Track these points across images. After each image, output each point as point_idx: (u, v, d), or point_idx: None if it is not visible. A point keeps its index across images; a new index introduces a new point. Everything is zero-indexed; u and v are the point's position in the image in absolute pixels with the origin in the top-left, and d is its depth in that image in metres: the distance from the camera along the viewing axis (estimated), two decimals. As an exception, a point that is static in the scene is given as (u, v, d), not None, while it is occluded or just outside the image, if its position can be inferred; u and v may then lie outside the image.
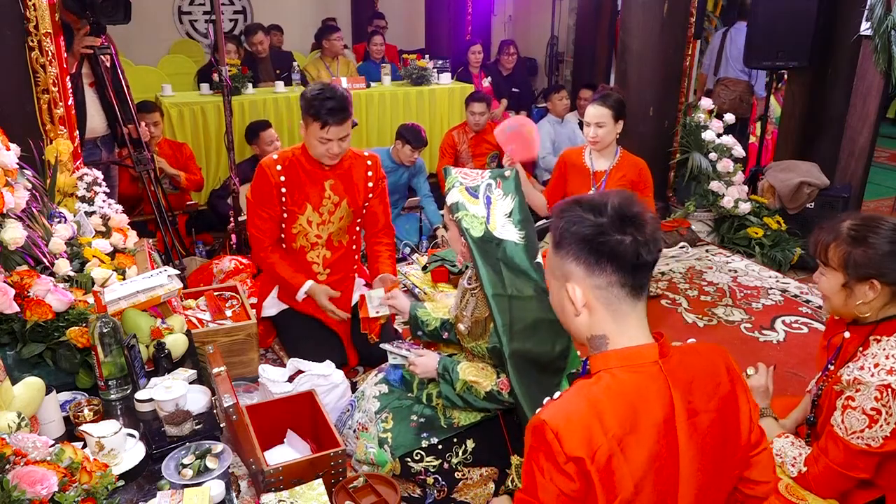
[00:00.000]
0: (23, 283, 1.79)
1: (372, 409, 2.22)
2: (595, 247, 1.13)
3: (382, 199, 2.86)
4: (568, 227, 1.16)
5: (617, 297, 1.16)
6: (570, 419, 1.08)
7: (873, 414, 1.53)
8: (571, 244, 1.16)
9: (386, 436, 2.12)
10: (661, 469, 1.11)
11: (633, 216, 1.14)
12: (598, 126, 3.26)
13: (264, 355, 2.97)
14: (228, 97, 3.59)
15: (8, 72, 2.65)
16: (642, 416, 1.11)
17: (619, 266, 1.13)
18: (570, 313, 1.20)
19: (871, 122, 4.12)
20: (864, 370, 1.59)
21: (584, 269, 1.15)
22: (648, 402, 1.12)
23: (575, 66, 7.32)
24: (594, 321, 1.18)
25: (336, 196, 2.70)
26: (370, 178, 2.75)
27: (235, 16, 7.86)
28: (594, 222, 1.14)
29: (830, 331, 1.83)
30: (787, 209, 4.32)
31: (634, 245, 1.12)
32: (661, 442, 1.11)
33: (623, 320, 1.17)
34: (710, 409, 1.17)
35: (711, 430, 1.16)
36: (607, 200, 1.15)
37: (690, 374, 1.17)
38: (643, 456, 1.09)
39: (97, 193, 2.66)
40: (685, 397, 1.14)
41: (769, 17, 4.45)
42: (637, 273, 1.15)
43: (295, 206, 2.70)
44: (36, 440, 1.32)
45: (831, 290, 1.67)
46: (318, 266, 2.83)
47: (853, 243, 1.60)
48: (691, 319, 3.51)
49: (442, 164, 4.95)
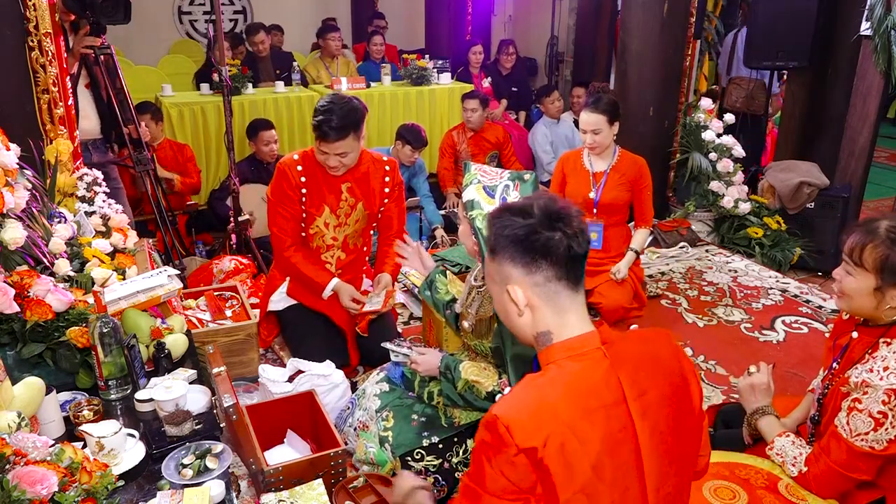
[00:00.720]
0: (23, 283, 1.79)
1: (373, 408, 2.22)
2: (528, 246, 1.19)
3: (398, 204, 2.86)
4: (501, 233, 1.22)
5: (556, 291, 1.21)
6: (521, 411, 1.12)
7: (879, 417, 1.52)
8: (506, 247, 1.21)
9: (386, 434, 2.12)
10: (619, 448, 1.15)
11: (559, 213, 1.21)
12: (595, 133, 3.27)
13: (264, 355, 2.97)
14: (228, 97, 3.59)
15: (8, 72, 2.65)
16: (591, 399, 1.15)
17: (553, 261, 1.19)
18: (514, 314, 1.25)
19: (871, 122, 4.12)
20: (872, 373, 1.58)
21: (522, 268, 1.21)
22: (596, 386, 1.17)
23: (575, 66, 7.32)
24: (537, 318, 1.23)
25: (352, 199, 2.72)
26: (387, 183, 2.76)
27: (235, 16, 7.86)
28: (525, 223, 1.20)
29: (838, 331, 1.82)
30: (787, 209, 4.32)
31: (565, 239, 1.18)
32: (614, 422, 1.15)
33: (564, 313, 1.22)
34: (657, 386, 1.22)
35: (663, 405, 1.21)
36: (533, 202, 1.23)
37: (633, 356, 1.23)
38: (597, 438, 1.12)
39: (97, 193, 2.66)
40: (631, 377, 1.19)
41: (769, 17, 4.46)
42: (571, 266, 1.21)
43: (313, 208, 2.72)
44: (36, 440, 1.32)
45: (859, 291, 1.62)
46: (332, 267, 2.84)
47: (893, 246, 1.56)
48: (691, 319, 3.51)
49: (442, 165, 4.96)
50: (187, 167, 4.40)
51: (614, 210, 3.43)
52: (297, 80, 5.38)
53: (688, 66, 4.68)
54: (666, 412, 1.21)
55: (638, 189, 3.41)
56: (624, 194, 3.40)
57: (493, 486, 1.11)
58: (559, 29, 7.14)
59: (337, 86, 5.14)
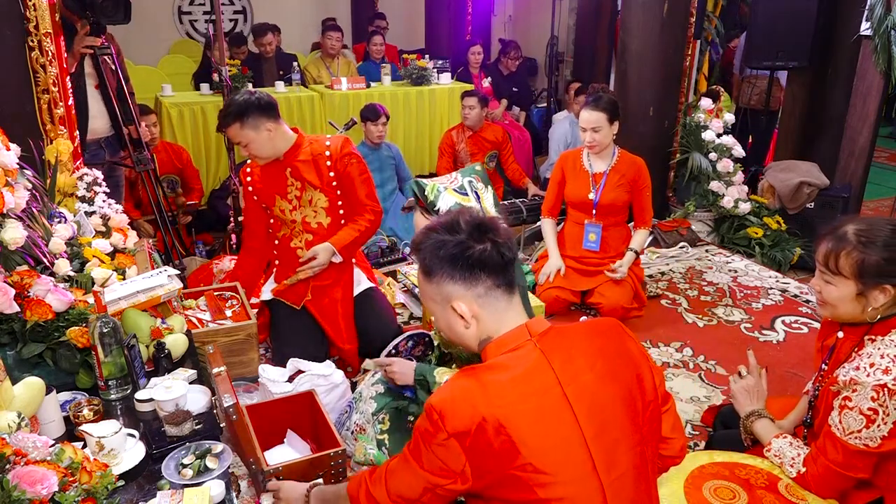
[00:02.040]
0: (23, 283, 1.79)
1: (369, 410, 2.22)
2: (465, 261, 1.25)
3: (357, 175, 2.82)
4: (435, 254, 1.27)
5: (496, 297, 1.27)
6: (454, 398, 1.19)
7: (870, 414, 1.53)
8: (443, 267, 1.26)
9: (383, 437, 2.12)
10: (557, 428, 1.20)
11: (485, 224, 1.27)
12: (594, 131, 3.26)
13: (264, 355, 2.97)
14: (228, 97, 3.59)
15: (8, 72, 2.65)
16: (522, 385, 1.20)
17: (490, 271, 1.25)
18: (461, 328, 1.30)
19: (871, 122, 4.12)
20: (859, 370, 1.58)
21: (462, 284, 1.26)
22: (528, 373, 1.22)
23: (575, 66, 7.32)
24: (481, 327, 1.29)
25: (298, 182, 2.78)
26: (328, 157, 2.78)
27: (235, 16, 7.86)
28: (456, 240, 1.25)
29: (824, 332, 1.82)
30: (787, 209, 4.32)
31: (496, 248, 1.25)
32: (547, 405, 1.20)
33: (502, 316, 1.29)
34: (595, 371, 1.26)
35: (602, 387, 1.25)
36: (458, 218, 1.28)
37: (568, 344, 1.28)
38: (529, 419, 1.18)
39: (97, 193, 2.66)
40: (565, 365, 1.24)
41: (769, 17, 4.46)
42: (506, 271, 1.27)
43: (266, 200, 2.83)
44: (36, 440, 1.32)
45: (842, 299, 1.62)
46: (303, 251, 2.85)
47: (864, 249, 1.56)
48: (691, 319, 3.51)
49: (442, 164, 4.96)
50: (186, 173, 4.39)
51: (614, 211, 3.43)
52: (297, 80, 5.38)
53: (688, 66, 4.69)
54: (607, 393, 1.25)
55: (637, 190, 3.41)
56: (623, 195, 3.40)
57: (428, 464, 1.21)
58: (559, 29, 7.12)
59: (337, 86, 5.14)
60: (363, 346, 2.88)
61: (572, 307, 3.53)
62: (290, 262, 2.90)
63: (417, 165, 5.51)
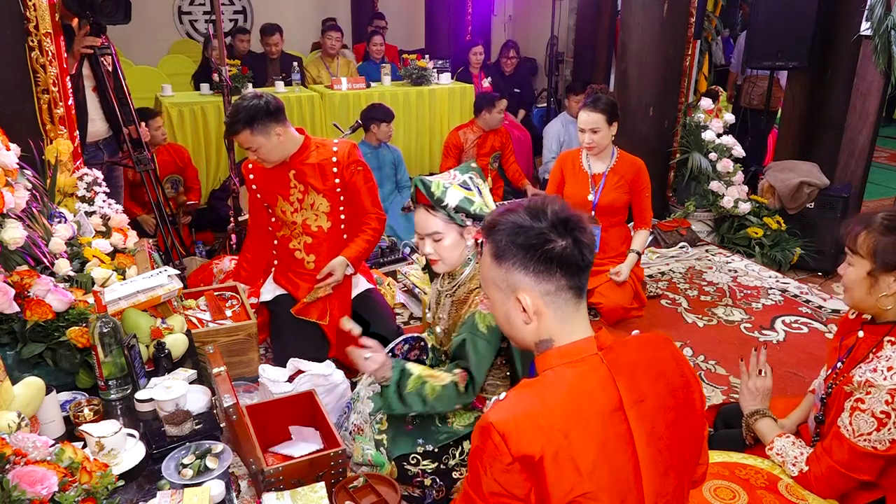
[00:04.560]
0: (23, 283, 1.79)
1: (366, 411, 2.21)
2: (542, 254, 1.15)
3: (365, 182, 2.84)
4: (511, 238, 1.17)
5: (565, 300, 1.18)
6: (517, 419, 1.09)
7: (882, 417, 1.52)
8: (517, 254, 1.17)
9: (381, 437, 2.12)
10: (616, 455, 1.13)
11: (572, 219, 1.17)
12: (593, 132, 3.26)
13: (264, 355, 2.97)
14: (228, 97, 3.59)
15: (8, 72, 2.65)
16: (587, 406, 1.13)
17: (566, 271, 1.16)
18: (520, 322, 1.22)
19: (871, 122, 4.12)
20: (876, 372, 1.58)
21: (533, 277, 1.17)
22: (592, 392, 1.14)
23: (575, 66, 7.31)
24: (542, 326, 1.21)
25: (301, 185, 2.77)
26: (335, 163, 2.77)
27: (235, 16, 7.86)
28: (537, 229, 1.16)
29: (844, 330, 1.82)
30: (787, 209, 4.32)
31: (578, 247, 1.16)
32: (611, 429, 1.13)
33: (568, 321, 1.20)
34: (657, 393, 1.19)
35: (662, 412, 1.19)
36: (546, 206, 1.18)
37: (632, 362, 1.20)
38: (593, 445, 1.11)
39: (97, 193, 2.66)
40: (629, 383, 1.17)
41: (769, 17, 4.46)
42: (580, 274, 1.18)
43: (268, 199, 2.82)
44: (36, 440, 1.32)
45: (856, 279, 1.65)
46: (301, 253, 2.86)
47: (885, 232, 1.60)
48: (691, 319, 3.51)
49: (445, 164, 4.94)
50: (187, 171, 4.41)
51: (613, 212, 3.43)
52: (297, 80, 5.38)
53: (688, 66, 4.69)
54: (665, 419, 1.19)
55: (637, 190, 3.41)
56: (623, 196, 3.40)
57: (489, 492, 1.10)
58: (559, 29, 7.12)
59: (337, 86, 5.14)
60: None
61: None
62: (288, 263, 2.90)
63: (417, 166, 5.50)
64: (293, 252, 2.87)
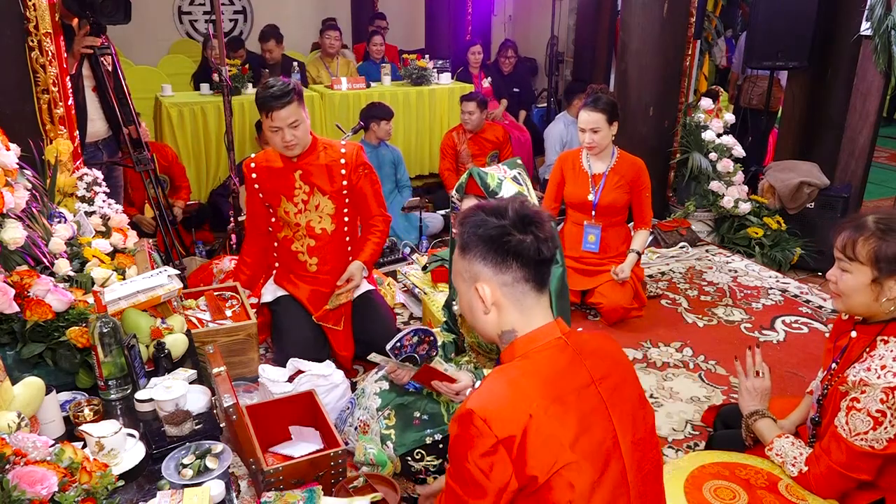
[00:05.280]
0: (23, 283, 1.79)
1: (373, 406, 2.22)
2: (500, 246, 1.23)
3: (371, 185, 2.86)
4: (474, 231, 1.26)
5: (522, 292, 1.26)
6: (496, 402, 1.15)
7: (878, 416, 1.53)
8: (478, 246, 1.25)
9: (389, 433, 2.12)
10: (594, 427, 1.19)
11: (531, 217, 1.25)
12: (594, 132, 3.26)
13: (264, 355, 2.97)
14: (228, 97, 3.59)
15: (8, 72, 2.65)
16: (560, 383, 1.20)
17: (522, 263, 1.24)
18: (480, 312, 1.29)
19: (871, 122, 4.12)
20: (870, 371, 1.58)
21: (492, 268, 1.25)
22: (563, 371, 1.22)
23: (575, 66, 7.32)
24: (502, 318, 1.28)
25: (307, 186, 2.76)
26: (343, 165, 2.76)
27: (235, 16, 7.86)
28: (498, 224, 1.24)
29: (837, 331, 1.81)
30: (787, 209, 4.32)
31: (535, 243, 1.23)
32: (585, 404, 1.20)
33: (528, 312, 1.27)
34: (613, 375, 1.27)
35: (621, 392, 1.27)
36: (508, 205, 1.27)
37: (591, 346, 1.29)
38: (572, 419, 1.17)
39: (97, 193, 2.66)
40: (593, 363, 1.25)
41: (769, 17, 4.46)
42: (539, 268, 1.26)
43: (271, 199, 2.81)
44: (36, 440, 1.32)
45: (857, 287, 1.61)
46: (304, 255, 2.86)
47: (883, 236, 1.57)
48: (691, 319, 3.51)
49: (443, 166, 4.97)
50: (173, 170, 4.32)
51: (613, 212, 3.43)
52: (297, 80, 5.37)
53: (688, 66, 4.69)
54: (633, 398, 1.28)
55: (637, 191, 3.41)
56: (623, 196, 3.40)
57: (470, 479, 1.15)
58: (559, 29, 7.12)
59: (337, 86, 5.14)
60: (363, 348, 2.86)
61: (572, 307, 3.53)
62: (290, 265, 2.89)
63: (418, 165, 5.51)
64: (296, 255, 2.86)
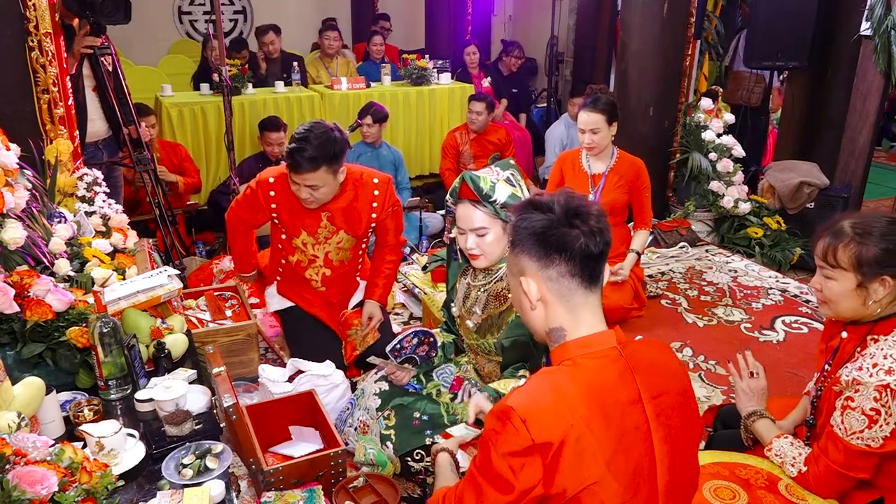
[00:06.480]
0: (23, 283, 1.79)
1: (373, 407, 2.22)
2: (544, 239, 1.21)
3: (395, 220, 2.76)
4: (520, 225, 1.25)
5: (569, 288, 1.22)
6: (538, 405, 1.12)
7: (872, 414, 1.53)
8: (524, 240, 1.23)
9: (388, 433, 2.12)
10: (632, 447, 1.15)
11: (578, 210, 1.22)
12: (593, 132, 3.26)
13: (264, 355, 2.97)
14: (228, 97, 3.59)
15: (8, 72, 2.65)
16: (607, 397, 1.15)
17: (567, 257, 1.20)
18: (527, 308, 1.27)
19: (871, 122, 4.12)
20: (862, 370, 1.58)
21: (536, 262, 1.23)
22: (612, 384, 1.17)
23: (575, 66, 7.31)
24: (550, 314, 1.25)
25: (333, 226, 2.65)
26: (375, 208, 2.63)
27: (235, 16, 7.86)
28: (544, 218, 1.22)
29: (828, 334, 1.82)
30: (787, 209, 4.32)
31: (581, 237, 1.20)
32: (629, 421, 1.16)
33: (578, 311, 1.23)
34: (671, 391, 1.23)
35: (675, 410, 1.23)
36: (555, 199, 1.25)
37: (647, 359, 1.24)
38: (612, 435, 1.13)
39: (97, 193, 2.66)
40: (646, 379, 1.20)
41: (769, 17, 4.46)
42: (586, 264, 1.21)
43: (289, 230, 2.67)
44: (36, 440, 1.32)
45: (843, 293, 1.61)
46: (317, 283, 2.80)
47: (862, 240, 1.57)
48: (691, 319, 3.51)
49: (444, 166, 4.97)
50: (184, 166, 4.37)
51: (613, 212, 3.43)
52: (298, 80, 5.38)
53: (688, 66, 4.69)
54: (678, 418, 1.22)
55: (637, 191, 3.41)
56: (622, 196, 3.40)
57: (496, 473, 1.12)
58: (559, 29, 7.12)
59: (337, 86, 5.14)
60: (362, 354, 2.86)
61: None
62: (295, 280, 2.83)
63: (418, 165, 5.50)
64: (308, 281, 2.79)
